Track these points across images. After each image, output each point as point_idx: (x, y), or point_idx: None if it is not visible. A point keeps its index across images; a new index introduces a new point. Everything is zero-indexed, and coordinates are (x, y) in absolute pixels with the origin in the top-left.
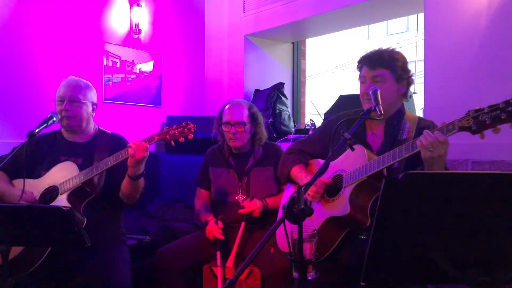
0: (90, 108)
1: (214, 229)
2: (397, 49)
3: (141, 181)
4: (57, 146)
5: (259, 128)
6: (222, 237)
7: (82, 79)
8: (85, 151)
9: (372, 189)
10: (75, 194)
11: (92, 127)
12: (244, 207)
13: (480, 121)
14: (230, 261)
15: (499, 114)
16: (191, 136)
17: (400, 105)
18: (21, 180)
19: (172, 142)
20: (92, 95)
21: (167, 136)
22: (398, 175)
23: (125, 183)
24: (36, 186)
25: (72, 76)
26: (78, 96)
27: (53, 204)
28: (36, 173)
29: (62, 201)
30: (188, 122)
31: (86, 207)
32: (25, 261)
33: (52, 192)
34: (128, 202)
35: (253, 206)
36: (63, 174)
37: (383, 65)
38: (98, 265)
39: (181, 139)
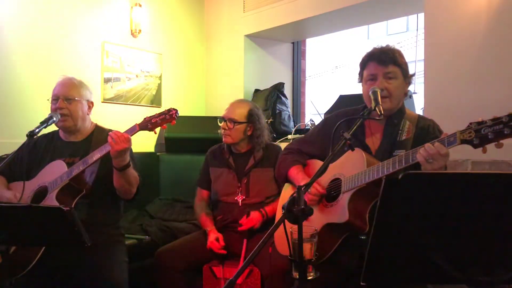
0: (86, 107)
1: (215, 246)
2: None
3: (131, 173)
4: (54, 147)
5: (259, 131)
6: (224, 252)
7: (75, 77)
8: (82, 149)
9: (370, 195)
10: (64, 192)
11: (88, 125)
12: (242, 225)
13: (482, 135)
14: (240, 279)
15: (502, 129)
16: (173, 123)
17: (402, 104)
18: (17, 183)
19: (155, 131)
20: (87, 93)
21: (149, 124)
22: (398, 175)
23: (114, 176)
24: (27, 187)
25: (66, 75)
26: (72, 93)
27: (42, 203)
28: (33, 175)
29: (51, 199)
30: (170, 109)
31: (81, 205)
32: (20, 261)
33: (42, 192)
34: (125, 197)
35: (250, 223)
36: (52, 173)
37: (394, 62)
38: (94, 265)
39: (164, 127)
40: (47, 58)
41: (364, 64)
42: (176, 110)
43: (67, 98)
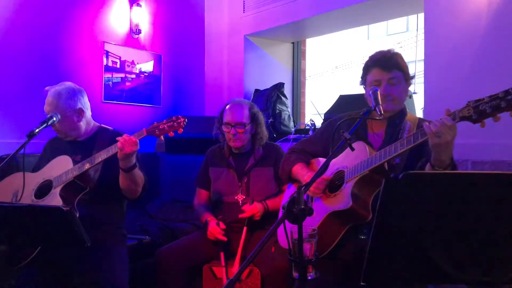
0: (73, 117)
1: (216, 230)
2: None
3: (137, 173)
4: (59, 146)
5: (260, 128)
6: (225, 238)
7: (59, 87)
8: (84, 148)
9: (374, 184)
10: (68, 188)
11: (88, 127)
12: (245, 211)
13: (480, 110)
14: (236, 267)
15: (499, 103)
16: (180, 131)
17: (403, 105)
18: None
19: (162, 137)
20: (69, 103)
21: (156, 130)
22: (399, 172)
23: (121, 177)
24: (33, 180)
25: (49, 88)
26: (52, 110)
27: (45, 198)
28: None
29: (55, 195)
30: (179, 116)
31: (83, 203)
32: (17, 255)
33: (46, 186)
34: (131, 196)
35: (253, 210)
36: (58, 168)
37: (397, 67)
38: (94, 265)
39: (171, 134)
40: (47, 58)
41: (367, 69)
42: (185, 119)
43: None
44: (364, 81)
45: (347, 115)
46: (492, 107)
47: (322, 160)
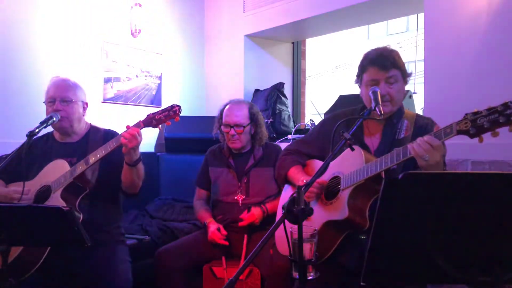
0: (81, 108)
1: (217, 236)
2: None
3: (141, 166)
4: (50, 148)
5: (259, 129)
6: (226, 243)
7: (70, 79)
8: (78, 149)
9: (370, 192)
10: (69, 191)
11: (83, 126)
12: (243, 220)
13: (478, 125)
14: (243, 276)
15: (497, 118)
16: (177, 119)
17: (401, 104)
18: (16, 184)
19: (159, 127)
20: (82, 94)
21: (153, 121)
22: (398, 175)
23: (125, 172)
24: (29, 188)
25: (59, 76)
26: (69, 95)
27: (47, 203)
28: (30, 176)
29: (56, 199)
30: (174, 105)
31: (82, 205)
32: (25, 263)
33: (45, 191)
34: (131, 191)
35: (251, 217)
36: (54, 173)
37: (394, 65)
38: (97, 266)
39: (168, 123)
40: (47, 57)
41: (363, 68)
42: (179, 106)
43: (63, 99)
44: (360, 80)
45: (342, 113)
46: (490, 121)
47: (318, 162)
